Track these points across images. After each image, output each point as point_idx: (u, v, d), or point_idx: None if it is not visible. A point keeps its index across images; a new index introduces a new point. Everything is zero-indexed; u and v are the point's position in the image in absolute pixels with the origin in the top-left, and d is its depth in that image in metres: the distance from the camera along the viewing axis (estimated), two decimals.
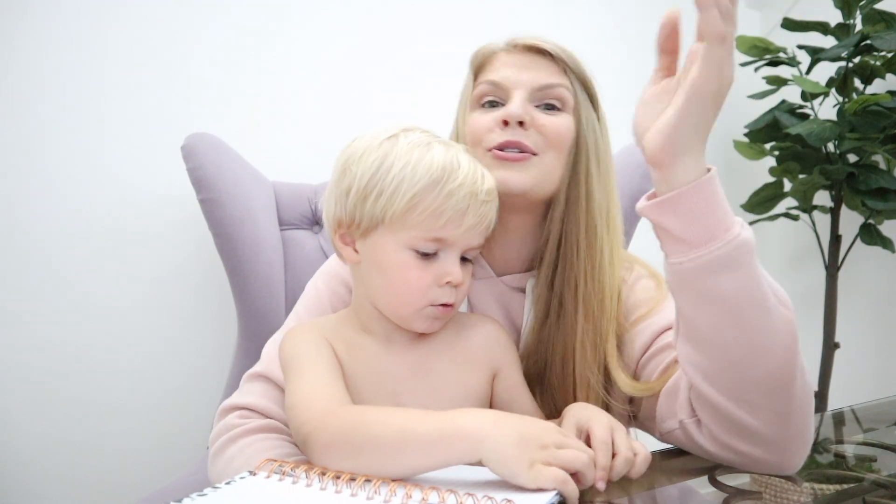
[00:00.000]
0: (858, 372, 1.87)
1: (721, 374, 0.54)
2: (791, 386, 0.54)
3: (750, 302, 0.51)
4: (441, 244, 0.59)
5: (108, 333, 1.23)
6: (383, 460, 0.47)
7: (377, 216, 0.58)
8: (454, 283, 0.59)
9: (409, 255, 0.58)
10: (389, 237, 0.58)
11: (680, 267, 0.53)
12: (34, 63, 1.18)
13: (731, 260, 0.50)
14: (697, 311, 0.53)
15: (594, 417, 0.55)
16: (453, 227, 0.58)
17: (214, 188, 1.09)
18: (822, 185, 1.75)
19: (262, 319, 1.12)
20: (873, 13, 1.61)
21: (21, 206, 1.17)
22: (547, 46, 0.70)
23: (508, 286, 0.76)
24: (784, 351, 0.53)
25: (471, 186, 0.58)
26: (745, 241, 0.51)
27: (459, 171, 0.58)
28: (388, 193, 0.57)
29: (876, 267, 1.87)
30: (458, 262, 0.60)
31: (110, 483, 1.22)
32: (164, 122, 1.28)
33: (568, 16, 1.81)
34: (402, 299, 0.60)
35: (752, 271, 0.51)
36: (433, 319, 0.61)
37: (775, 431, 0.55)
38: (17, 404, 1.16)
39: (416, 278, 0.58)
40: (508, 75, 0.70)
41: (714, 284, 0.51)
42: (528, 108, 0.69)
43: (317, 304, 0.75)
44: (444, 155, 0.58)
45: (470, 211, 0.58)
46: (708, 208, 0.50)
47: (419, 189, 0.56)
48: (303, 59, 1.44)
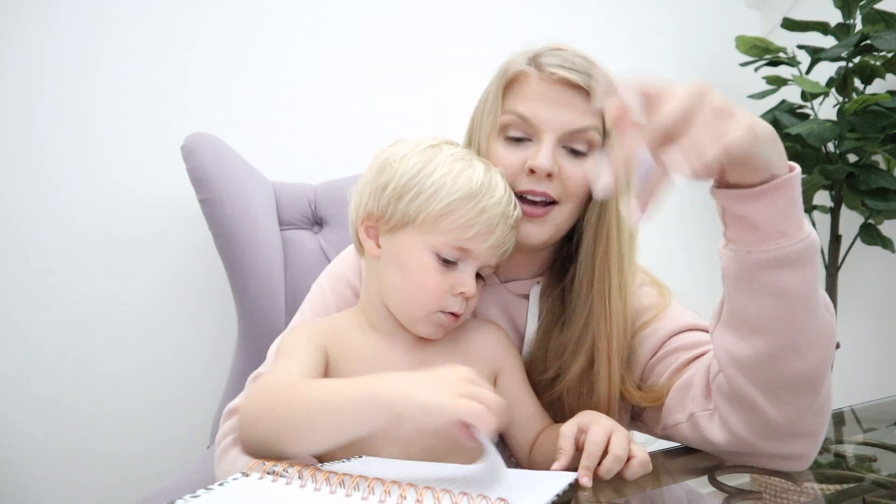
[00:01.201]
0: (858, 372, 1.87)
1: (759, 366, 0.55)
2: (820, 388, 0.55)
3: (804, 300, 0.52)
4: (464, 255, 0.61)
5: (108, 333, 1.23)
6: (306, 426, 0.49)
7: (410, 215, 0.60)
8: (467, 295, 0.61)
9: (431, 259, 0.60)
10: (417, 238, 0.61)
11: (748, 256, 0.52)
12: (34, 63, 1.18)
13: (799, 258, 0.50)
14: (753, 300, 0.53)
15: (596, 420, 0.56)
16: (480, 241, 0.60)
17: (214, 188, 1.09)
18: (822, 185, 1.75)
19: (262, 319, 1.12)
20: (873, 13, 1.61)
21: (21, 206, 1.17)
22: (580, 81, 0.66)
23: (513, 293, 0.76)
24: (822, 353, 0.54)
25: (504, 208, 0.62)
26: (815, 242, 0.51)
27: (496, 191, 0.61)
28: (427, 196, 0.60)
29: (876, 267, 1.87)
30: (474, 276, 0.62)
31: (110, 483, 1.22)
32: (164, 122, 1.28)
33: (567, 14, 1.81)
34: (416, 300, 0.62)
35: (814, 272, 0.52)
36: (438, 326, 0.63)
37: (793, 429, 0.57)
38: (18, 405, 1.16)
39: (433, 282, 0.60)
40: (539, 112, 0.67)
41: (777, 278, 0.51)
42: (557, 156, 0.67)
43: (322, 306, 0.76)
44: (485, 173, 0.62)
45: (498, 230, 0.61)
46: (789, 204, 0.50)
47: (457, 198, 0.59)
48: (303, 60, 1.44)
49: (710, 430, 0.61)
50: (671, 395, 0.66)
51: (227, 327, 1.29)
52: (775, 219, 0.50)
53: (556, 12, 1.79)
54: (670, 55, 2.01)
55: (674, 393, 0.66)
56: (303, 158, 1.40)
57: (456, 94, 0.78)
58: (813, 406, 0.56)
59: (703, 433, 0.62)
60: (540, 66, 0.68)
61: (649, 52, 1.96)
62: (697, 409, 0.62)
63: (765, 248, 0.50)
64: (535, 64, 0.68)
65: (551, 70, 0.66)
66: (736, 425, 0.58)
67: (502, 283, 0.76)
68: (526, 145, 0.68)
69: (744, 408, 0.57)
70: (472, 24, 1.64)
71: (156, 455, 1.26)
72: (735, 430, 0.59)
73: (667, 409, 0.66)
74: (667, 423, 0.66)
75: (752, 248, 0.51)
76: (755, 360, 0.54)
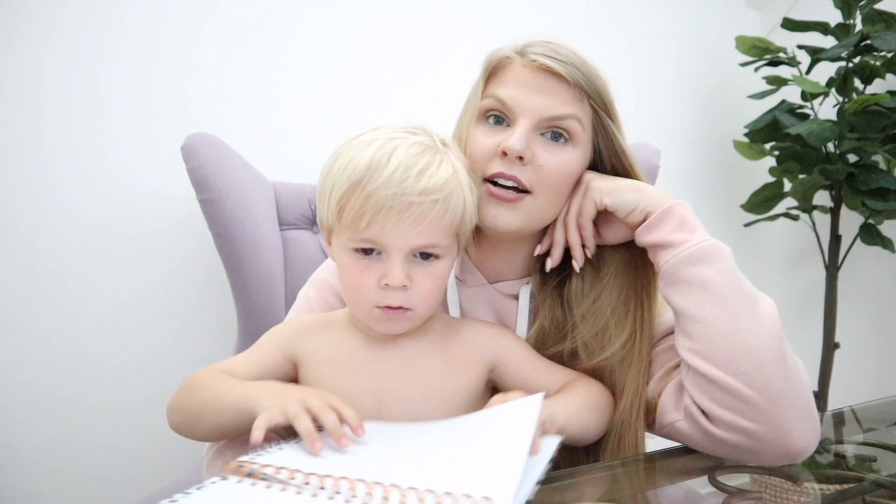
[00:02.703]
0: (858, 372, 1.87)
1: (714, 349, 0.60)
2: (781, 361, 0.58)
3: (728, 286, 0.61)
4: (374, 245, 0.57)
5: (108, 333, 1.23)
6: (202, 419, 0.58)
7: (325, 221, 0.60)
8: (392, 285, 0.57)
9: (350, 257, 0.58)
10: (336, 240, 0.60)
11: (667, 265, 0.64)
12: (34, 63, 1.18)
13: (706, 254, 0.62)
14: (687, 298, 0.62)
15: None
16: (379, 228, 0.55)
17: (214, 188, 1.09)
18: (822, 185, 1.75)
19: (262, 319, 1.12)
20: (873, 13, 1.61)
21: (21, 206, 1.17)
22: (563, 70, 0.65)
23: (501, 293, 0.76)
24: (769, 328, 0.59)
25: (397, 186, 0.54)
26: (714, 245, 0.63)
27: (385, 169, 0.55)
28: (327, 198, 0.58)
29: (876, 267, 1.87)
30: (398, 264, 0.57)
31: (110, 483, 1.22)
32: (164, 122, 1.28)
33: (567, 14, 1.81)
34: (352, 300, 0.62)
35: (729, 267, 0.62)
36: (386, 321, 0.60)
37: (773, 405, 0.57)
38: (18, 404, 1.16)
39: (354, 280, 0.59)
40: (517, 97, 0.66)
41: (696, 272, 0.62)
42: (531, 140, 0.66)
43: (307, 313, 0.77)
44: (374, 154, 0.56)
45: (394, 210, 0.54)
46: (680, 224, 0.64)
47: (343, 192, 0.56)
48: (303, 59, 1.44)
49: (704, 422, 0.61)
50: (666, 395, 0.66)
51: (227, 327, 1.29)
52: (672, 236, 0.64)
53: (557, 12, 1.79)
54: (670, 55, 2.01)
55: (668, 393, 0.66)
56: (303, 158, 1.40)
57: (456, 93, 0.78)
58: (784, 381, 0.57)
59: (700, 426, 0.62)
60: (524, 53, 0.68)
61: (649, 53, 1.96)
62: (690, 403, 0.63)
63: (674, 252, 0.63)
64: (519, 52, 0.69)
65: (533, 57, 0.66)
66: (720, 412, 0.59)
67: (490, 283, 0.76)
68: (503, 129, 0.67)
69: (720, 391, 0.59)
70: (472, 24, 1.64)
71: (155, 455, 1.26)
72: (722, 417, 0.59)
73: (663, 408, 0.66)
74: (663, 421, 0.66)
75: (668, 258, 0.64)
76: (711, 345, 0.60)
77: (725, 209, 2.06)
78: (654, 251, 0.66)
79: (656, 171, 1.37)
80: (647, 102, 1.95)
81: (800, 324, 2.02)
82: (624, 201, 0.67)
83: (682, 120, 2.03)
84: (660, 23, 1.98)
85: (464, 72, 0.79)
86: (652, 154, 1.39)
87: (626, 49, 1.91)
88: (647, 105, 1.94)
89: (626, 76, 1.87)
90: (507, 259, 0.75)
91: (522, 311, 0.74)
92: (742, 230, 2.03)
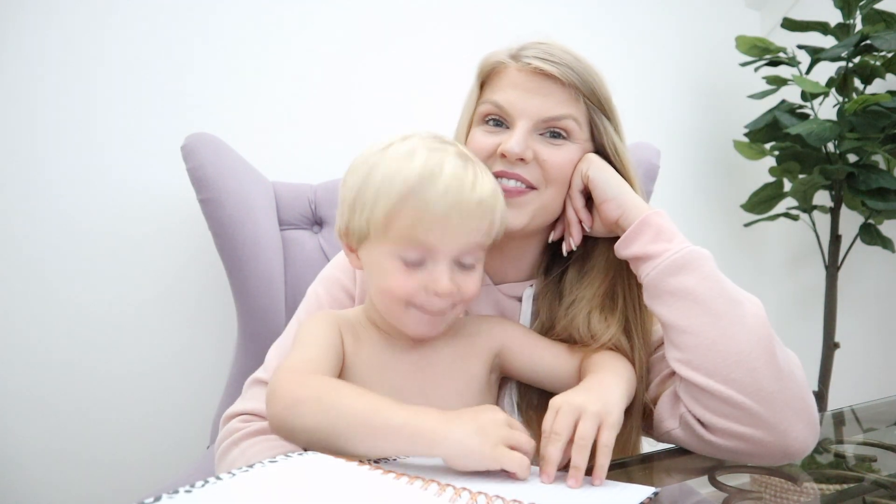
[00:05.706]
0: (858, 372, 1.87)
1: (703, 358, 0.59)
2: (772, 362, 0.58)
3: (711, 292, 0.61)
4: (426, 252, 0.58)
5: (107, 333, 1.23)
6: (347, 431, 0.49)
7: (364, 229, 0.60)
8: (440, 293, 0.58)
9: (395, 264, 0.58)
10: (377, 247, 0.60)
11: (648, 277, 0.64)
12: (33, 63, 1.18)
13: (686, 263, 0.62)
14: (671, 309, 0.62)
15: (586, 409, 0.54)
16: (435, 235, 0.56)
17: (214, 188, 1.09)
18: (822, 185, 1.75)
19: (262, 319, 1.12)
20: (873, 13, 1.61)
21: (20, 206, 1.17)
22: (557, 72, 0.66)
23: (505, 294, 0.77)
24: (756, 330, 0.59)
25: (455, 196, 0.56)
26: (694, 251, 0.63)
27: (440, 177, 0.56)
28: (370, 208, 0.58)
29: (876, 267, 1.87)
30: (446, 272, 0.58)
31: (110, 483, 1.22)
32: (164, 122, 1.27)
33: (568, 15, 1.81)
34: (386, 304, 0.62)
35: (710, 272, 0.62)
36: (423, 325, 0.61)
37: (767, 408, 0.57)
38: (18, 405, 1.16)
39: (399, 287, 0.58)
40: (514, 101, 0.68)
41: (678, 283, 0.62)
42: (531, 141, 0.67)
43: (317, 310, 0.76)
44: (425, 163, 0.57)
45: (453, 218, 0.56)
46: (657, 234, 0.64)
47: (396, 200, 0.56)
48: (303, 59, 1.44)
49: (701, 430, 0.61)
50: (662, 404, 0.67)
51: (227, 327, 1.29)
52: (650, 247, 0.64)
53: (557, 12, 1.79)
54: (670, 55, 2.01)
55: (664, 401, 0.66)
56: (303, 158, 1.40)
57: (456, 93, 0.78)
58: (777, 382, 0.57)
59: (697, 434, 0.61)
60: (518, 57, 0.69)
61: (649, 53, 1.96)
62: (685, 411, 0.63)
63: (654, 264, 0.63)
64: (514, 56, 0.70)
65: (528, 60, 0.68)
66: (715, 420, 0.59)
67: (495, 285, 0.77)
68: (503, 131, 0.69)
69: (713, 401, 0.59)
70: (472, 23, 1.64)
71: (155, 455, 1.26)
72: (717, 425, 0.59)
73: (659, 417, 0.67)
74: (660, 429, 0.67)
75: (649, 270, 0.64)
76: (699, 355, 0.60)
77: (725, 209, 2.06)
78: (634, 264, 0.66)
79: (656, 171, 1.37)
80: (647, 102, 1.95)
81: (800, 324, 2.02)
82: (601, 181, 0.68)
83: (682, 120, 2.03)
84: (660, 23, 1.98)
85: (464, 72, 0.79)
86: (652, 154, 1.39)
87: (626, 49, 1.91)
88: (647, 105, 1.94)
89: (627, 76, 1.87)
90: (513, 261, 0.76)
91: (525, 312, 0.76)
92: (742, 230, 2.03)
